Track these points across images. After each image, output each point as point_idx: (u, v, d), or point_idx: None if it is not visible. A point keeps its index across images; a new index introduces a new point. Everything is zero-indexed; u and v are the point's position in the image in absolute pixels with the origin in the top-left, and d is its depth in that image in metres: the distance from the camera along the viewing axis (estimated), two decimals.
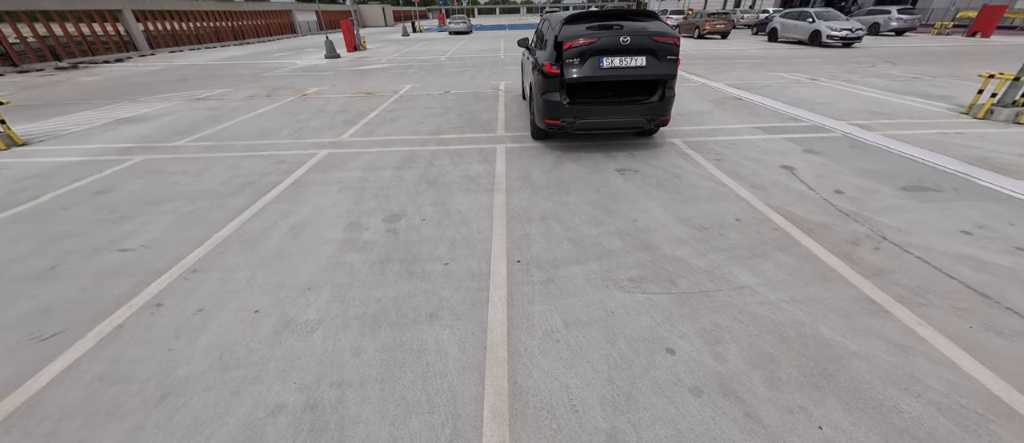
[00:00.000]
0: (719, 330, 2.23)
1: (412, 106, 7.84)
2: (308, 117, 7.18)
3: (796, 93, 7.97)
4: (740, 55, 14.63)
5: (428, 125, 6.46)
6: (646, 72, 4.35)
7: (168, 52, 21.13)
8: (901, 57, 13.09)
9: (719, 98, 7.79)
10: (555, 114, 4.69)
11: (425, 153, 5.18)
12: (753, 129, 5.78)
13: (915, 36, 20.88)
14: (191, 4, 23.82)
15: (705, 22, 21.00)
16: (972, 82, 8.54)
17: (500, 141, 5.56)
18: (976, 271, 2.65)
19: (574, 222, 3.42)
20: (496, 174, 4.46)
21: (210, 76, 12.96)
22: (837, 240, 3.03)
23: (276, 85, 10.77)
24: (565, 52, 4.29)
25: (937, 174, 4.14)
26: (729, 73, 10.64)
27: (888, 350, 2.06)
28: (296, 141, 5.79)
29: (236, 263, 2.94)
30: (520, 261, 2.90)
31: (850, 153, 4.78)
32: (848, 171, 4.27)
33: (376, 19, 56.04)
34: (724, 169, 4.41)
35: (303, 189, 4.18)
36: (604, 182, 4.19)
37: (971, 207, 3.48)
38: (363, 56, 17.69)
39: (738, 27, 28.89)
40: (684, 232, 3.22)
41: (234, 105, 8.36)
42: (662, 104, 4.65)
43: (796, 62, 12.53)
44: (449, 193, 4.01)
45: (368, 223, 3.46)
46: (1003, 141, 5.02)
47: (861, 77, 9.62)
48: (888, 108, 6.70)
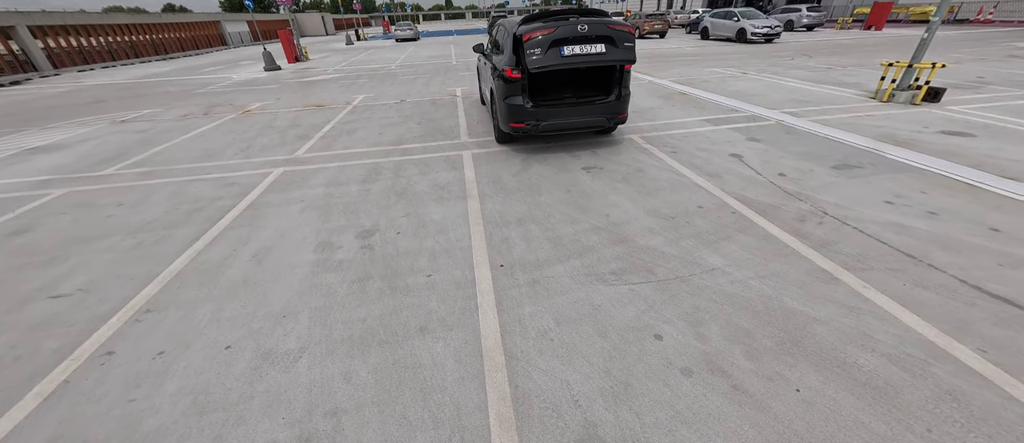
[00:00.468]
0: (699, 312, 2.38)
1: (368, 117, 7.60)
2: (255, 134, 6.73)
3: (733, 86, 8.66)
4: (679, 53, 15.63)
5: (389, 135, 6.29)
6: (606, 58, 4.38)
7: (76, 71, 18.85)
8: (815, 50, 14.63)
9: (666, 94, 8.28)
10: (518, 117, 4.76)
11: (390, 164, 5.04)
12: (701, 122, 6.21)
13: (823, 31, 23.41)
14: (100, 18, 21.44)
15: (644, 23, 22.20)
16: (875, 71, 9.73)
17: (465, 147, 5.55)
18: (900, 235, 3.04)
19: (550, 222, 3.50)
20: (466, 181, 4.44)
21: (132, 96, 11.75)
22: (787, 218, 3.34)
23: (213, 102, 9.99)
24: (525, 43, 4.29)
25: (857, 152, 4.68)
26: (671, 70, 11.34)
27: (842, 313, 2.31)
28: (246, 161, 5.41)
29: (196, 297, 2.70)
30: (503, 265, 2.92)
31: (786, 139, 5.28)
32: (787, 155, 4.71)
33: (316, 28, 53.62)
34: (681, 160, 4.70)
35: (261, 212, 3.91)
36: (573, 181, 4.31)
37: (887, 179, 3.97)
38: (306, 67, 16.85)
39: (673, 27, 30.83)
40: (654, 223, 3.39)
41: (166, 126, 7.64)
42: (619, 102, 4.87)
43: (727, 58, 13.60)
44: (421, 203, 3.94)
45: (340, 241, 3.32)
46: (904, 120, 5.78)
47: (784, 69, 10.63)
48: (810, 97, 7.47)
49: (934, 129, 5.31)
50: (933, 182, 3.86)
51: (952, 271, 2.62)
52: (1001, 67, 9.51)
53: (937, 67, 6.31)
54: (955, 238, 2.97)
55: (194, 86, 13.12)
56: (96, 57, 21.07)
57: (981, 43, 14.32)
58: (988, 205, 3.40)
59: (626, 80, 4.86)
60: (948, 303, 2.35)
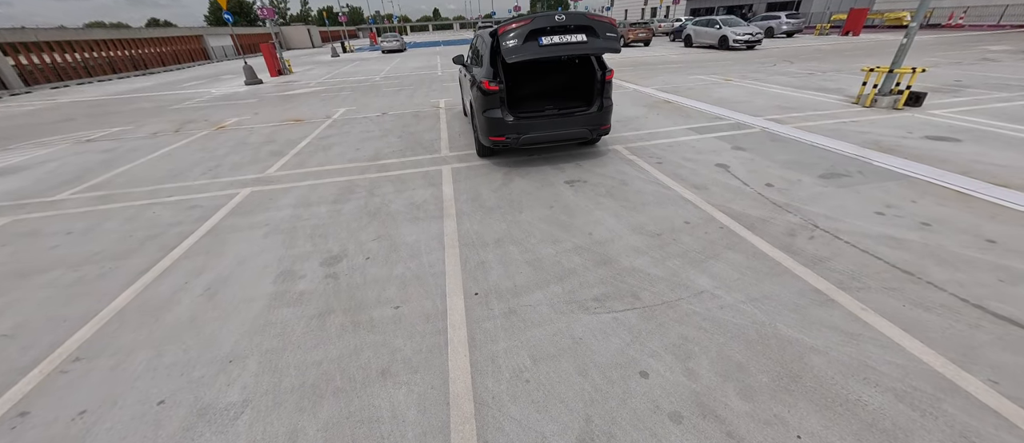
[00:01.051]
0: (687, 343, 2.19)
1: (347, 131, 7.36)
2: (226, 152, 6.45)
3: (717, 94, 8.64)
4: (663, 60, 15.73)
5: (366, 150, 6.06)
6: (588, 47, 4.11)
7: (49, 89, 18.28)
8: (796, 56, 14.84)
9: (651, 102, 8.21)
10: (498, 131, 4.59)
11: (365, 182, 4.81)
12: (686, 130, 6.11)
13: (802, 37, 23.91)
14: (75, 34, 20.92)
15: (629, 31, 22.42)
16: (857, 76, 9.82)
17: (445, 162, 5.34)
18: (894, 249, 2.90)
19: (530, 242, 3.30)
20: (444, 198, 4.23)
21: (104, 113, 11.34)
22: (776, 233, 3.19)
23: (187, 118, 9.66)
24: (501, 36, 4.06)
25: (843, 160, 4.59)
26: (656, 78, 11.34)
27: (841, 340, 2.14)
28: (212, 181, 5.13)
29: (134, 341, 2.43)
30: (478, 293, 2.70)
31: (771, 147, 5.18)
32: (773, 164, 4.60)
33: (302, 41, 53.31)
34: (666, 172, 4.56)
35: (221, 238, 3.65)
36: (555, 196, 4.13)
37: (876, 188, 3.86)
38: (289, 80, 16.57)
39: (657, 35, 31.27)
40: (639, 241, 3.21)
41: (133, 145, 7.31)
42: (601, 114, 4.73)
43: (710, 65, 13.70)
44: (395, 224, 3.71)
45: (303, 269, 3.07)
46: (887, 125, 5.75)
47: (767, 76, 10.70)
48: (794, 103, 7.45)
49: (918, 134, 5.27)
50: (922, 190, 3.76)
51: (951, 289, 2.47)
52: (976, 70, 9.68)
53: (917, 72, 6.32)
54: (951, 251, 2.83)
55: (170, 102, 12.75)
56: (72, 73, 20.50)
57: (954, 47, 14.69)
58: (981, 214, 3.30)
59: (608, 90, 4.73)
60: (952, 326, 2.19)
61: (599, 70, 4.69)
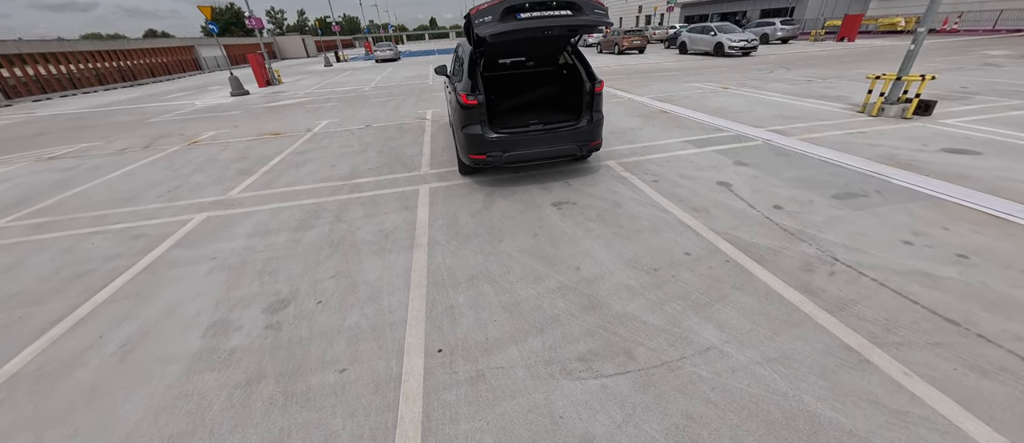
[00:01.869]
0: (693, 424, 1.76)
1: (325, 146, 6.95)
2: (192, 170, 6.01)
3: (714, 103, 8.29)
4: (658, 68, 15.46)
5: (342, 168, 5.64)
6: (573, 20, 3.52)
7: (31, 101, 17.86)
8: (792, 62, 14.59)
9: (647, 112, 7.84)
10: (478, 149, 4.18)
11: (333, 205, 4.38)
12: (683, 143, 5.73)
13: (797, 43, 23.81)
14: (60, 46, 20.55)
15: (623, 39, 22.24)
16: (857, 81, 9.52)
17: (424, 180, 4.93)
18: (931, 289, 2.49)
19: (509, 280, 2.87)
20: (417, 224, 3.81)
21: (80, 127, 10.91)
22: (791, 268, 2.77)
23: (162, 132, 9.23)
24: (474, 17, 3.55)
25: (858, 177, 4.20)
26: (651, 86, 11.02)
27: (886, 422, 1.71)
28: (168, 204, 4.69)
29: (13, 423, 1.97)
30: (442, 350, 2.26)
31: (776, 161, 4.79)
32: (780, 182, 4.20)
33: (297, 50, 53.23)
34: (663, 191, 4.15)
35: (158, 276, 3.20)
36: (541, 221, 3.71)
37: (899, 211, 3.46)
38: (277, 91, 16.21)
39: (652, 42, 31.19)
40: (633, 278, 2.79)
41: (97, 162, 6.87)
42: (591, 128, 4.33)
43: (706, 72, 13.41)
44: (358, 258, 3.28)
45: (241, 319, 2.63)
46: (899, 137, 5.38)
47: (764, 83, 10.38)
48: (795, 112, 7.10)
49: (935, 147, 4.90)
50: (952, 213, 3.36)
51: (1008, 343, 2.06)
52: (980, 76, 9.38)
53: (927, 79, 5.98)
54: (998, 292, 2.42)
55: (151, 114, 12.34)
56: (56, 86, 20.09)
57: (953, 52, 14.48)
58: (1023, 243, 2.90)
59: (598, 103, 4.34)
60: (1021, 400, 1.77)
61: (588, 81, 4.30)
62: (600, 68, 16.77)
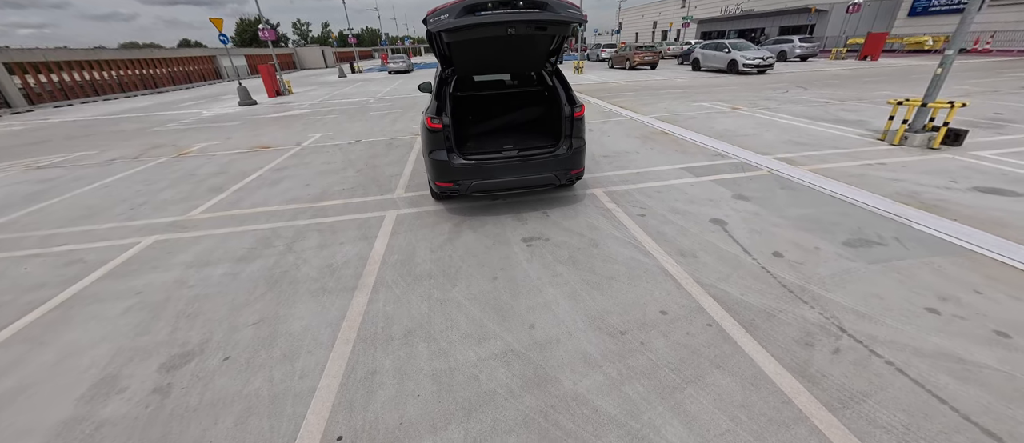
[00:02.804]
0: None
1: (308, 162, 6.72)
2: (166, 185, 5.82)
3: (720, 124, 7.79)
4: (668, 85, 15.01)
5: (314, 188, 5.36)
6: (541, 16, 3.09)
7: (52, 107, 18.47)
8: (810, 81, 13.96)
9: (647, 133, 7.40)
10: (445, 175, 3.82)
11: (290, 231, 4.07)
12: (680, 170, 5.25)
13: (816, 61, 23.05)
14: (86, 54, 21.34)
15: (635, 54, 21.91)
16: (879, 105, 8.89)
17: (394, 205, 4.58)
18: (965, 382, 1.97)
19: (449, 338, 2.46)
20: (370, 258, 3.44)
21: (85, 135, 11.05)
22: (787, 341, 2.29)
23: (158, 143, 9.21)
24: (430, 18, 3.16)
25: (873, 219, 3.67)
26: (657, 104, 10.57)
27: None
28: (123, 224, 4.45)
29: None
30: (342, 439, 1.86)
31: (781, 196, 4.29)
32: (783, 222, 3.70)
33: (316, 61, 54.61)
34: (648, 229, 3.70)
35: (73, 313, 2.90)
36: (505, 261, 3.30)
37: (923, 266, 2.93)
38: (284, 101, 16.34)
39: (665, 58, 30.79)
40: (594, 343, 2.34)
41: (81, 173, 6.78)
42: (572, 156, 3.92)
43: (718, 90, 12.90)
44: (291, 299, 2.92)
45: (132, 377, 2.27)
46: (924, 170, 4.80)
47: (778, 104, 9.83)
48: (808, 137, 6.55)
49: (965, 184, 4.32)
50: (987, 271, 2.82)
51: None
52: (1017, 101, 8.65)
53: (957, 106, 5.40)
54: None
55: (156, 123, 12.48)
56: (79, 92, 20.80)
57: (986, 74, 13.63)
58: None
59: (579, 128, 3.93)
60: None
61: (567, 105, 3.91)
62: (606, 84, 16.41)
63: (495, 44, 3.58)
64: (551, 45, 3.90)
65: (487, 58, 3.91)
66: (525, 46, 3.76)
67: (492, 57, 3.89)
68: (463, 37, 3.30)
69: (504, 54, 3.84)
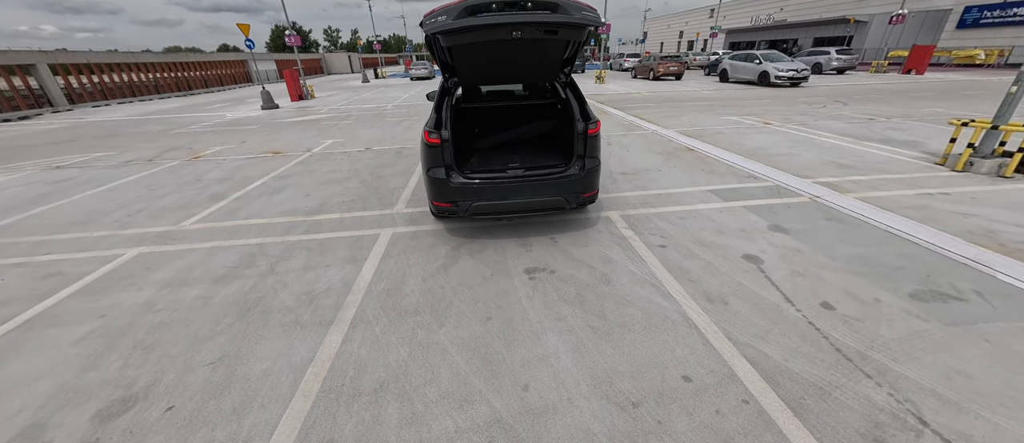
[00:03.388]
0: None
1: (314, 169, 6.53)
2: (169, 191, 5.72)
3: (751, 141, 7.20)
4: (693, 97, 14.37)
5: (314, 199, 5.12)
6: (553, 18, 2.72)
7: (91, 107, 19.34)
8: (849, 96, 13.06)
9: (670, 149, 6.88)
10: (443, 195, 3.46)
11: (278, 248, 3.79)
12: (707, 193, 4.74)
13: (854, 74, 21.82)
14: (124, 57, 22.36)
15: (659, 65, 21.28)
16: (931, 124, 8.09)
17: (392, 222, 4.27)
18: None
19: (427, 397, 2.07)
20: (355, 285, 3.11)
21: (111, 135, 11.35)
22: (848, 433, 1.79)
23: (175, 145, 9.29)
24: (426, 19, 2.82)
25: (945, 264, 3.08)
26: (682, 117, 10.00)
27: None
28: (114, 233, 4.30)
29: None
30: None
31: (827, 229, 3.73)
32: (831, 262, 3.16)
33: (342, 66, 56.01)
34: (670, 264, 3.23)
35: (29, 336, 2.66)
36: (503, 296, 2.90)
37: (1018, 333, 2.36)
38: (304, 106, 16.54)
39: (691, 68, 29.92)
40: (600, 417, 1.91)
41: (93, 175, 6.80)
42: (585, 178, 3.50)
43: (747, 103, 12.20)
44: (259, 333, 2.60)
45: (60, 427, 1.98)
46: (999, 204, 4.14)
47: (815, 120, 9.11)
48: (853, 158, 5.90)
49: None
50: None
51: None
52: None
53: None
54: None
55: (180, 125, 12.74)
56: (117, 93, 21.76)
57: None
58: None
59: (593, 147, 3.52)
60: None
61: (581, 121, 3.50)
62: (628, 95, 15.88)
63: (500, 51, 3.22)
64: (565, 52, 3.50)
65: (493, 66, 3.55)
66: (535, 53, 3.37)
67: (498, 65, 3.52)
68: (462, 41, 2.95)
69: (512, 62, 3.47)
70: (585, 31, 3.05)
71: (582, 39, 3.18)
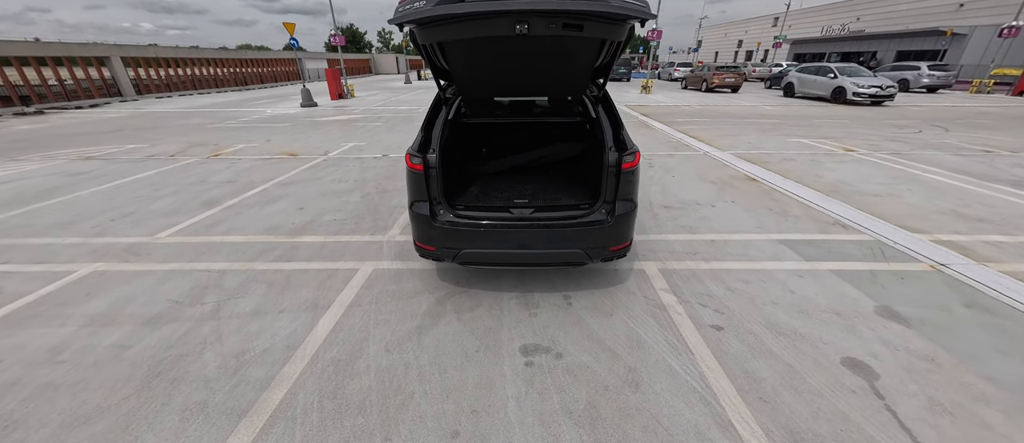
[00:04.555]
0: None
1: (321, 177, 6.04)
2: (170, 191, 5.41)
3: (832, 174, 5.88)
4: (754, 113, 12.79)
5: (306, 213, 4.56)
6: (578, 6, 1.89)
7: (154, 98, 20.70)
8: (948, 120, 11.01)
9: (726, 177, 5.74)
10: (426, 237, 2.70)
11: (238, 278, 3.19)
12: (778, 246, 3.65)
13: (949, 94, 18.93)
14: (187, 52, 23.89)
15: (713, 75, 19.59)
16: None
17: (378, 253, 3.57)
18: None
19: None
20: (300, 350, 2.40)
21: (154, 126, 11.74)
22: None
23: (205, 140, 9.30)
24: (399, 7, 2.06)
25: None
26: (741, 137, 8.68)
27: None
28: (83, 242, 3.92)
29: None
30: None
31: (970, 324, 2.56)
32: (994, 390, 2.04)
33: (390, 67, 57.73)
34: (729, 364, 2.24)
35: None
36: (484, 393, 2.07)
37: None
38: (342, 105, 16.62)
39: (750, 80, 27.61)
40: None
41: (112, 169, 6.73)
42: (614, 225, 2.59)
43: (820, 123, 10.56)
44: (149, 422, 1.94)
45: None
46: None
47: (912, 148, 7.51)
48: (983, 208, 4.50)
49: None
50: None
51: None
52: None
53: None
54: None
55: (220, 119, 13.04)
56: (180, 86, 23.24)
57: None
58: None
59: (628, 186, 2.60)
60: None
61: (614, 150, 2.60)
62: (677, 107, 14.49)
63: (506, 51, 2.39)
64: (598, 57, 2.61)
65: (498, 73, 2.71)
66: (555, 56, 2.52)
67: (505, 72, 2.68)
68: (448, 37, 2.17)
69: (523, 68, 2.62)
70: (625, 27, 2.16)
71: (621, 38, 2.29)
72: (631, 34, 2.34)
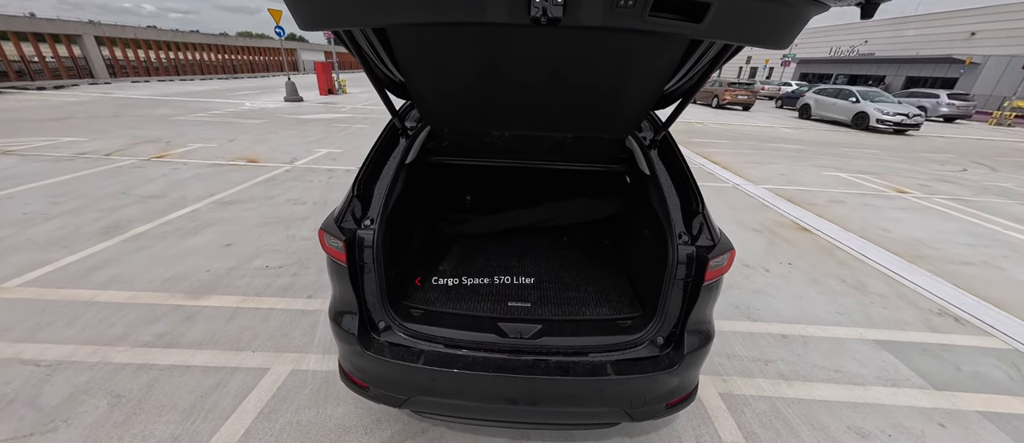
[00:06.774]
0: None
1: (273, 196, 4.89)
2: (72, 207, 4.23)
3: (898, 226, 4.84)
4: (773, 136, 11.82)
5: (231, 255, 3.41)
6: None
7: (129, 82, 19.36)
8: (987, 157, 10.11)
9: (770, 224, 4.68)
10: (355, 367, 1.57)
11: (69, 385, 2.04)
12: (878, 350, 2.57)
13: (969, 124, 18.20)
14: (171, 35, 22.54)
15: (726, 91, 18.68)
16: None
17: (301, 341, 2.44)
18: None
19: None
20: None
21: (110, 115, 10.50)
22: None
23: (158, 135, 8.09)
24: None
25: None
26: (768, 167, 7.65)
27: None
28: None
29: None
30: None
31: None
32: None
33: None
34: None
35: None
36: None
37: None
38: (330, 102, 15.46)
39: (759, 98, 26.84)
40: None
41: (24, 170, 5.51)
42: (681, 370, 1.48)
43: (849, 153, 9.59)
44: None
45: None
46: None
47: (970, 192, 6.53)
48: None
49: None
50: None
51: None
52: None
53: None
54: None
55: (190, 110, 11.82)
56: (161, 71, 21.89)
57: None
58: None
59: (706, 304, 1.50)
60: None
61: (683, 233, 1.50)
62: (690, 125, 13.43)
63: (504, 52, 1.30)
64: (671, 79, 1.48)
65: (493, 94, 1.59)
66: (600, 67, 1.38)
67: (505, 92, 1.56)
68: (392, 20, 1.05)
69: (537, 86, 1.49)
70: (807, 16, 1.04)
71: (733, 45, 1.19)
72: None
